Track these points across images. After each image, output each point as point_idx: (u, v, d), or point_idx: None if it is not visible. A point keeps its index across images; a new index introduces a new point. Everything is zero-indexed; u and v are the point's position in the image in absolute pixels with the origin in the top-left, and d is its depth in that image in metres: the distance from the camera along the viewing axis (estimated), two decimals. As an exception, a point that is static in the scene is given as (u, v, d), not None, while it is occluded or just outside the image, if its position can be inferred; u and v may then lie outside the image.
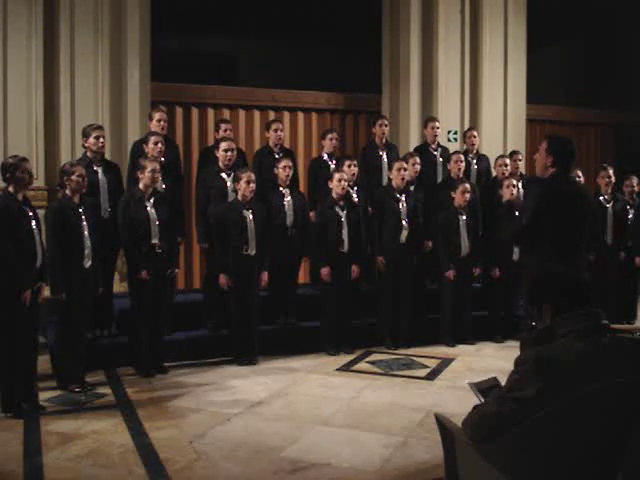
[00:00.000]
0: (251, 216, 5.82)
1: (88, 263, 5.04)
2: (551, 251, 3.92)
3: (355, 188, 6.59)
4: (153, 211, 5.44)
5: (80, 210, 5.03)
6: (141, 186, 5.46)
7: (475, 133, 7.47)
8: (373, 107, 8.55)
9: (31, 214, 4.62)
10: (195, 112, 8.12)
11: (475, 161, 7.38)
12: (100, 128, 5.82)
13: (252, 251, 5.83)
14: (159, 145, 5.78)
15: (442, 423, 2.69)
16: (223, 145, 6.07)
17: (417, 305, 6.62)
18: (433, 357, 6.16)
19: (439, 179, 7.19)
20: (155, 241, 5.44)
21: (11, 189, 4.53)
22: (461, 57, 8.44)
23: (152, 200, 5.47)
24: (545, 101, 9.72)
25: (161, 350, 5.62)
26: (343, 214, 6.21)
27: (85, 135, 5.74)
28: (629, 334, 3.44)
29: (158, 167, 5.49)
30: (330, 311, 6.22)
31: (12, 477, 3.58)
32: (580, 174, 7.41)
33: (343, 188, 6.19)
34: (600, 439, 2.13)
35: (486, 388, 2.65)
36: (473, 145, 7.40)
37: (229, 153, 6.04)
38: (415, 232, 6.47)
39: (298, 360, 6.02)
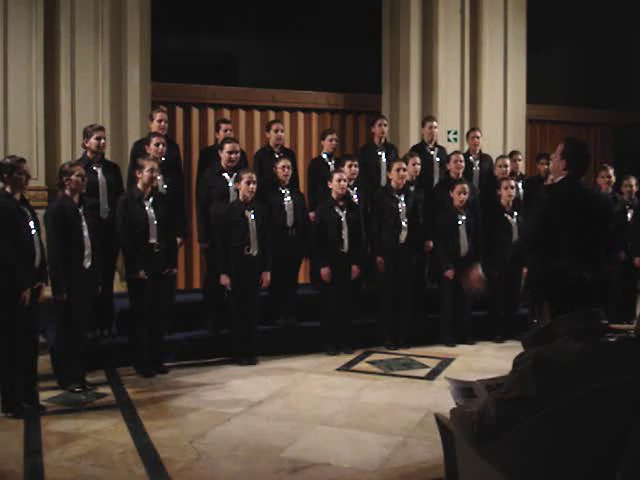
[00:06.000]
0: (253, 216, 5.83)
1: (88, 263, 5.04)
2: (558, 252, 3.92)
3: (355, 188, 6.59)
4: (152, 210, 5.44)
5: (80, 210, 5.03)
6: (139, 185, 5.46)
7: (478, 134, 7.45)
8: (373, 107, 8.54)
9: (29, 214, 4.62)
10: (195, 112, 8.11)
11: (478, 162, 7.38)
12: (101, 129, 5.82)
13: (254, 251, 5.83)
14: (160, 146, 5.79)
15: (442, 423, 2.69)
16: (227, 147, 6.06)
17: (417, 305, 6.62)
18: (433, 357, 6.16)
19: (436, 179, 7.19)
20: (153, 240, 5.44)
21: (8, 189, 4.52)
22: (461, 57, 8.44)
23: (151, 199, 5.47)
24: (545, 101, 9.71)
25: (161, 350, 5.62)
26: (343, 214, 6.21)
27: (86, 135, 5.73)
28: (626, 334, 3.43)
29: (156, 166, 5.49)
30: (330, 311, 6.22)
31: (12, 477, 3.59)
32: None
33: (343, 188, 6.19)
34: (600, 439, 2.13)
35: (464, 389, 2.64)
36: (476, 145, 7.39)
37: (233, 155, 6.04)
38: (415, 232, 6.47)
39: (298, 360, 6.02)
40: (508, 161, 7.14)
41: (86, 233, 5.02)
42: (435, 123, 7.29)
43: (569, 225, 3.93)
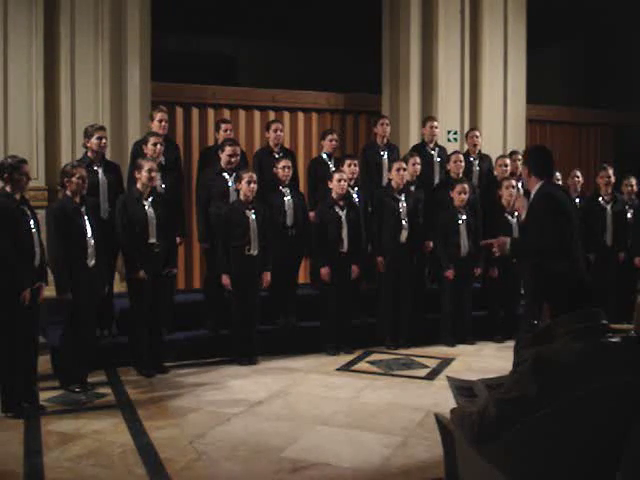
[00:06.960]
0: (253, 216, 5.83)
1: (92, 262, 5.03)
2: (553, 252, 3.96)
3: (355, 188, 6.59)
4: (151, 210, 5.44)
5: (82, 209, 5.02)
6: (139, 186, 5.46)
7: (477, 134, 7.46)
8: (373, 107, 8.54)
9: (29, 213, 4.61)
10: (195, 112, 8.11)
11: (477, 162, 7.39)
12: (102, 129, 5.82)
13: (254, 251, 5.83)
14: (158, 146, 5.78)
15: (442, 423, 2.69)
16: (228, 150, 6.05)
17: (417, 305, 6.62)
18: (433, 357, 6.16)
19: (436, 178, 7.20)
20: (153, 240, 5.43)
21: (8, 189, 4.52)
22: (461, 57, 8.44)
23: (150, 199, 5.46)
24: (545, 101, 9.72)
25: (161, 350, 5.62)
26: (343, 214, 6.21)
27: (87, 135, 5.73)
28: (626, 334, 3.46)
29: (155, 166, 5.49)
30: (330, 311, 6.22)
31: (12, 477, 3.59)
32: (559, 176, 7.35)
33: (343, 188, 6.20)
34: (600, 439, 2.13)
35: (464, 388, 2.65)
36: (475, 146, 7.39)
37: (233, 159, 6.05)
38: (415, 232, 6.48)
39: (298, 360, 6.02)
40: (508, 161, 7.14)
41: (89, 232, 5.01)
42: (436, 123, 7.30)
43: (560, 225, 4.03)
